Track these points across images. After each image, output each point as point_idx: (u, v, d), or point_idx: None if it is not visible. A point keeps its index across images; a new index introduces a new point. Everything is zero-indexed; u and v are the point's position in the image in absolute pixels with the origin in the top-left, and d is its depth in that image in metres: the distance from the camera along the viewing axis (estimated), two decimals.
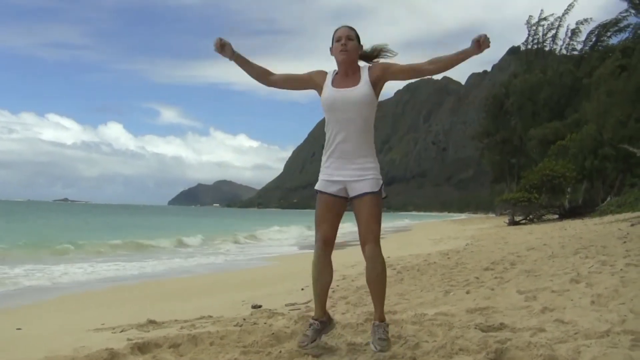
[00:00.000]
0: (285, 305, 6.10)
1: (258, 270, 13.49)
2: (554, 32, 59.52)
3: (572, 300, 4.74)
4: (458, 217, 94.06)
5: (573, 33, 56.67)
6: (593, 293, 4.89)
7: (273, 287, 8.57)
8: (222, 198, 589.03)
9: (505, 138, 55.70)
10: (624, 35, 48.21)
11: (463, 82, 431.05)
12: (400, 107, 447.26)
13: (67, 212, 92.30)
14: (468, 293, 5.98)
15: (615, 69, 33.58)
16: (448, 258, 10.64)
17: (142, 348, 3.70)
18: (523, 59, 62.26)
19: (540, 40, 60.49)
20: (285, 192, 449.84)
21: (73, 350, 3.88)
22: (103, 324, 5.37)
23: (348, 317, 4.90)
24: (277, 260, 15.97)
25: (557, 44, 59.47)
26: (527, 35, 61.36)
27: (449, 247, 12.88)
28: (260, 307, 6.30)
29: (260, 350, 3.52)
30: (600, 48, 50.69)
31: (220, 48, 3.54)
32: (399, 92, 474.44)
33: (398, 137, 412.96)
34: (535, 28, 60.59)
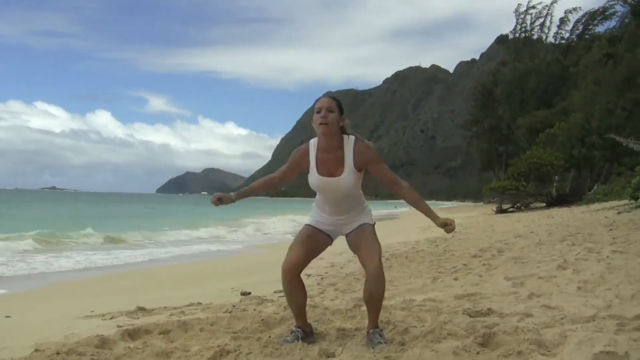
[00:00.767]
0: (275, 292, 6.12)
1: (247, 258, 13.50)
2: (542, 20, 59.87)
3: (558, 286, 4.79)
4: (446, 205, 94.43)
5: (561, 21, 56.99)
6: (579, 279, 4.95)
7: (263, 274, 8.57)
8: (210, 186, 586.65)
9: (494, 126, 55.94)
10: (611, 24, 48.60)
11: (451, 70, 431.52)
12: (389, 95, 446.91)
13: (55, 200, 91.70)
14: (456, 280, 6.03)
15: (602, 58, 33.76)
16: (436, 245, 10.70)
17: (132, 334, 3.71)
18: (511, 48, 62.58)
19: (529, 29, 60.80)
20: None
21: (63, 337, 3.88)
22: (92, 312, 5.37)
23: (337, 303, 4.93)
24: (266, 248, 15.99)
25: (545, 33, 59.81)
26: (515, 24, 61.66)
27: (437, 234, 12.93)
28: (250, 294, 6.33)
29: (250, 336, 3.54)
30: (588, 37, 51.03)
31: (219, 202, 3.46)
32: (388, 80, 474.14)
33: (387, 125, 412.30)
34: (524, 16, 60.89)
